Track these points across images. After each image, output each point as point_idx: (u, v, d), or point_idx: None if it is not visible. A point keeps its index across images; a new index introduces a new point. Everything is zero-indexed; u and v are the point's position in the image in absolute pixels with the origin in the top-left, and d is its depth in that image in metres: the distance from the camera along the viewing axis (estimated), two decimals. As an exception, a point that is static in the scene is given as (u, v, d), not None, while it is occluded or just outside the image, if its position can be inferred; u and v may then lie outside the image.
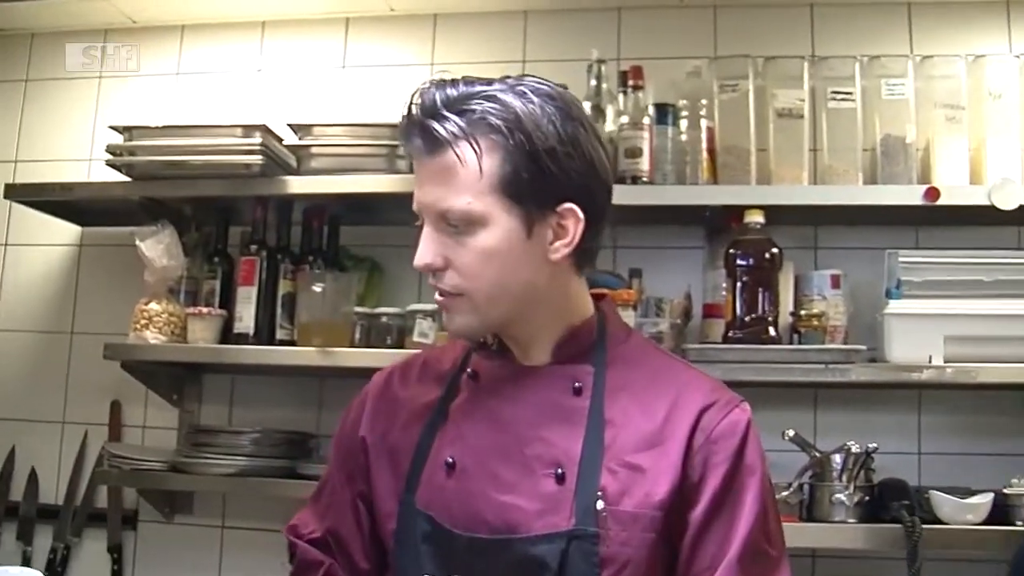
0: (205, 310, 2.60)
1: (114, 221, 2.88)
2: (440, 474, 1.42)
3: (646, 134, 2.45)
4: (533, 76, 1.40)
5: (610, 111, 2.53)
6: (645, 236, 2.67)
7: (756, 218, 2.37)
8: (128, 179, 2.67)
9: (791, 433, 2.33)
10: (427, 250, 1.38)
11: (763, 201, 2.39)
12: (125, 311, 2.64)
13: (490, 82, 1.37)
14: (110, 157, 2.66)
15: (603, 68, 2.55)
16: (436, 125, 1.33)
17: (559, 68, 2.71)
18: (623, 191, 2.40)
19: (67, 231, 3.00)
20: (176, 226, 2.64)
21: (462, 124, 1.33)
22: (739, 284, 2.36)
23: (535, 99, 1.35)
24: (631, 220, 2.61)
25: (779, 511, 2.08)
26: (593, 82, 2.54)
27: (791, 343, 2.39)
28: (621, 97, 2.54)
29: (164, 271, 2.60)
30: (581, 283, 1.48)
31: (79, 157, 3.03)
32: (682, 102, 2.55)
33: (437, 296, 1.41)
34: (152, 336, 2.58)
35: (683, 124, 2.53)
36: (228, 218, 2.75)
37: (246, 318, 2.59)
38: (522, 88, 1.36)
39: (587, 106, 2.49)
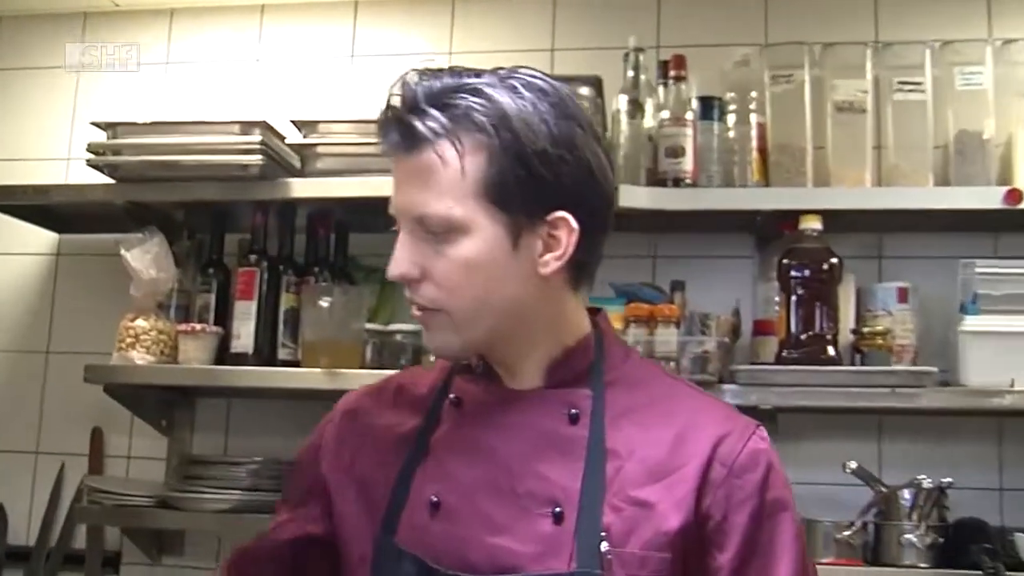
0: (198, 327, 2.65)
1: (96, 228, 2.95)
2: (423, 515, 1.43)
3: (689, 131, 2.51)
4: (528, 68, 1.41)
5: (649, 105, 2.58)
6: (688, 244, 2.72)
7: (813, 224, 2.41)
8: (112, 181, 2.72)
9: (853, 465, 2.36)
10: (402, 258, 1.39)
11: (821, 205, 2.43)
12: (108, 328, 2.69)
13: (479, 74, 1.38)
14: (91, 156, 2.71)
15: (641, 57, 2.60)
16: (416, 121, 1.35)
17: (592, 57, 2.79)
18: (663, 194, 2.47)
19: (42, 239, 3.07)
20: (166, 233, 2.70)
21: (444, 121, 1.34)
22: (794, 298, 2.40)
23: (527, 94, 1.36)
24: (672, 227, 2.66)
25: (840, 554, 2.14)
26: (630, 73, 2.59)
27: (852, 364, 2.43)
28: (661, 89, 2.59)
29: (152, 284, 2.65)
30: (577, 299, 1.48)
31: (56, 156, 3.10)
32: (729, 95, 2.60)
33: (414, 311, 1.42)
34: (139, 356, 2.63)
35: (730, 119, 2.58)
36: (224, 225, 2.81)
37: (244, 336, 2.64)
38: (513, 82, 1.37)
39: (623, 100, 2.55)
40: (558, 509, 1.37)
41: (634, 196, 2.43)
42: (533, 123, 1.34)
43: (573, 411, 1.42)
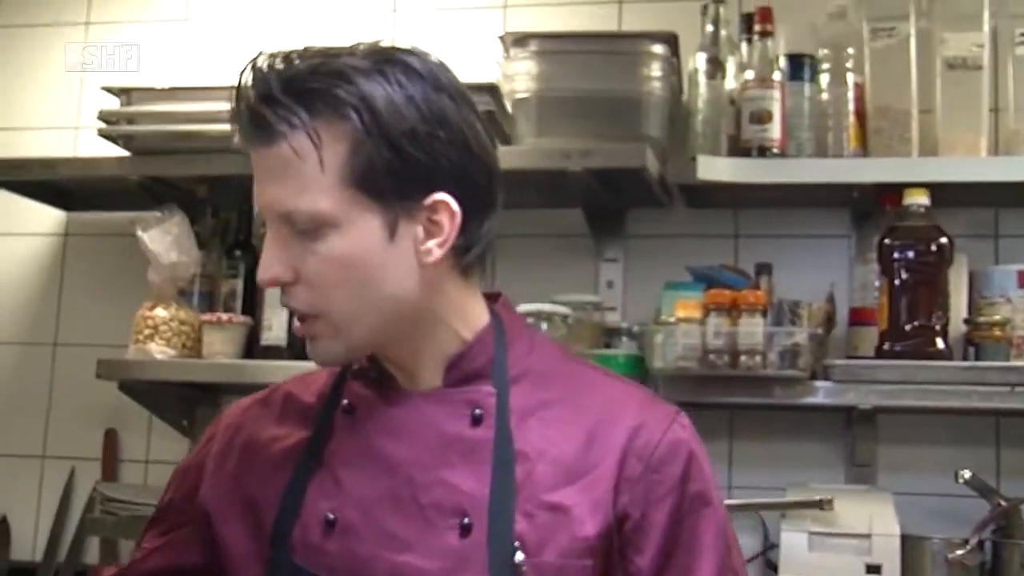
0: (224, 317, 2.72)
1: (108, 205, 3.03)
2: (317, 533, 1.46)
3: (777, 93, 2.53)
4: (388, 43, 1.44)
5: (731, 65, 2.61)
6: (776, 222, 2.75)
7: (919, 199, 2.42)
8: (126, 153, 2.79)
9: (967, 475, 2.37)
10: (272, 260, 1.41)
11: (928, 177, 2.44)
12: (123, 318, 2.77)
13: (337, 54, 1.40)
14: (103, 126, 2.78)
15: (722, 10, 2.63)
16: (268, 112, 1.37)
17: (665, 10, 2.81)
18: (747, 165, 2.49)
19: (49, 218, 3.15)
20: (187, 212, 2.76)
21: (298, 110, 1.36)
22: (897, 283, 2.40)
23: (388, 70, 1.39)
24: (757, 202, 2.70)
25: (949, 572, 2.15)
26: (709, 28, 2.62)
27: (965, 359, 2.45)
28: (745, 47, 2.62)
29: (172, 268, 2.71)
30: (470, 288, 1.51)
31: (63, 125, 3.18)
32: (822, 52, 2.61)
33: (295, 323, 1.47)
34: (158, 349, 2.70)
35: (824, 80, 2.60)
36: (251, 202, 2.82)
37: (276, 326, 2.69)
38: (372, 59, 1.40)
39: (701, 59, 2.59)
40: (466, 520, 1.41)
41: (713, 168, 2.46)
42: (398, 101, 1.37)
43: (476, 411, 1.46)
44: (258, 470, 1.54)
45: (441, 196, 1.41)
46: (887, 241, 2.42)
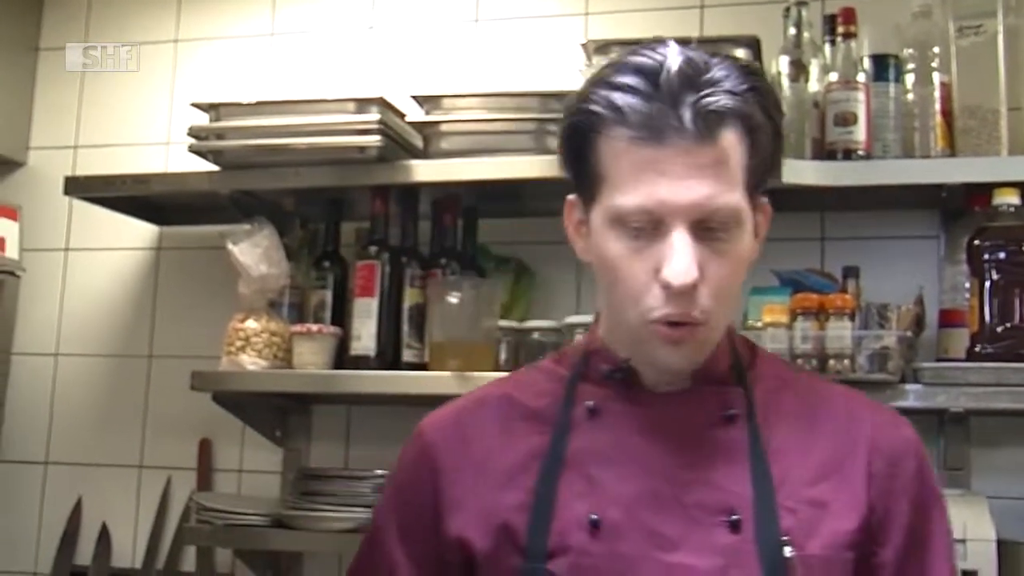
0: (314, 328, 2.73)
1: (199, 219, 3.07)
2: (580, 536, 1.44)
3: (861, 95, 2.50)
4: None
5: (814, 67, 2.58)
6: (862, 224, 2.72)
7: (1010, 199, 2.39)
8: (215, 168, 2.82)
9: None
10: (690, 262, 1.37)
11: (1018, 176, 2.40)
12: (216, 330, 2.80)
13: (689, 44, 1.42)
14: (193, 141, 2.81)
15: (804, 12, 2.60)
16: (715, 103, 1.37)
17: (746, 12, 2.80)
18: (832, 168, 2.47)
19: (142, 232, 3.20)
20: (276, 224, 2.79)
21: (737, 102, 1.38)
22: (988, 284, 2.37)
23: (761, 79, 1.45)
24: (844, 204, 2.67)
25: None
26: (792, 30, 2.59)
27: (1059, 360, 2.41)
28: (828, 48, 2.59)
29: (262, 280, 2.74)
30: None
31: (154, 141, 3.23)
32: (908, 51, 2.58)
33: (666, 329, 1.41)
34: (249, 361, 2.72)
35: (909, 80, 2.57)
36: (340, 213, 2.89)
37: (365, 336, 2.70)
38: (748, 63, 1.49)
39: (784, 62, 2.56)
40: (735, 517, 1.42)
41: (799, 171, 2.43)
42: (772, 107, 1.44)
43: (729, 411, 1.49)
44: (494, 479, 1.53)
45: (764, 198, 1.49)
46: (977, 242, 2.39)
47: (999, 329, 2.36)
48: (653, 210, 1.38)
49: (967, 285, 2.44)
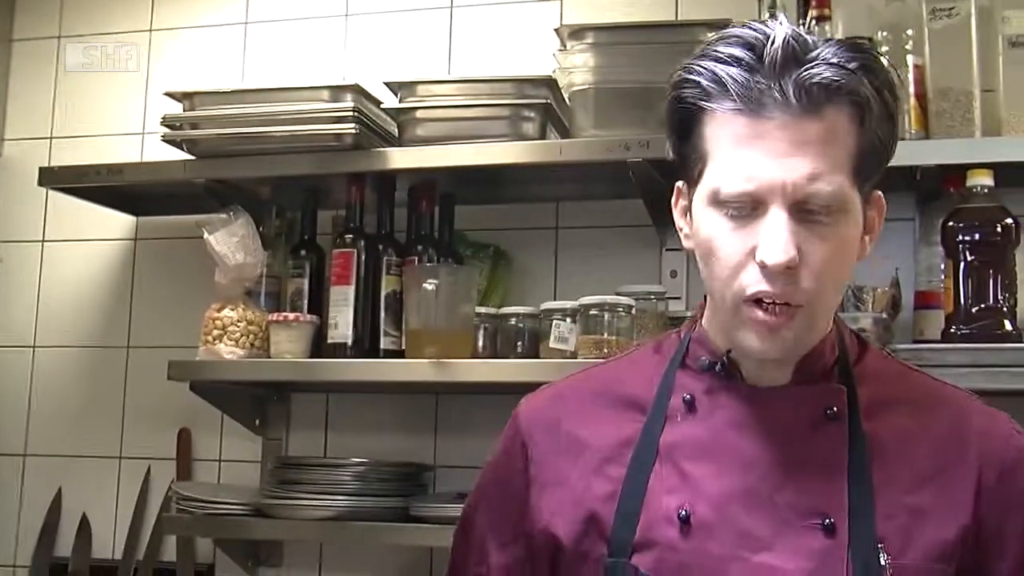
0: (291, 316, 2.72)
1: (175, 209, 3.07)
2: (669, 531, 1.42)
3: (837, 77, 2.50)
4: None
5: (789, 49, 2.58)
6: (838, 206, 2.71)
7: (983, 180, 2.38)
8: (190, 157, 2.82)
9: None
10: (789, 242, 1.33)
11: (991, 158, 2.40)
12: (194, 319, 2.79)
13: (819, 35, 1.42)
14: (167, 131, 2.80)
15: (779, -7, 2.61)
16: (822, 76, 1.33)
17: (722, -5, 2.78)
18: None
19: (118, 223, 3.19)
20: (252, 213, 2.79)
21: (847, 80, 1.34)
22: (962, 265, 2.37)
23: (877, 64, 1.39)
24: (818, 186, 2.66)
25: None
26: (766, 14, 2.60)
27: (1034, 340, 2.41)
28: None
29: (239, 269, 2.73)
30: None
31: (130, 131, 3.22)
32: (881, 34, 2.57)
33: (761, 313, 1.37)
34: (227, 350, 2.72)
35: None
36: (316, 201, 2.89)
37: (342, 324, 2.70)
38: (863, 43, 1.41)
39: (760, 44, 2.56)
40: (829, 520, 1.38)
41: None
42: (888, 97, 1.39)
43: (830, 409, 1.44)
44: (585, 464, 1.51)
45: (878, 192, 1.45)
46: (951, 223, 2.39)
47: (974, 310, 2.36)
48: (752, 188, 1.34)
49: (942, 267, 2.45)
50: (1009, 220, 2.37)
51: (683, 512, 1.41)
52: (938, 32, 2.53)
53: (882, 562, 1.37)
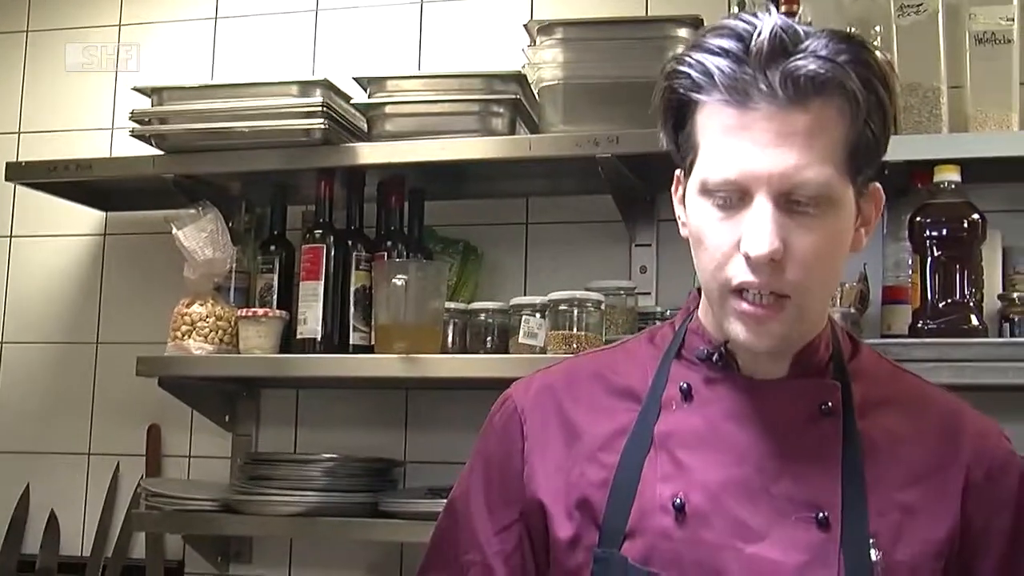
0: (260, 312, 2.72)
1: (144, 204, 3.05)
2: (663, 519, 1.42)
3: (805, 73, 2.51)
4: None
5: (758, 45, 2.58)
6: (807, 202, 2.72)
7: (950, 175, 2.39)
8: (159, 152, 2.81)
9: None
10: (770, 234, 1.33)
11: (959, 154, 2.40)
12: (163, 315, 2.78)
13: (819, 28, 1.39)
14: (136, 126, 2.79)
15: (747, -11, 2.62)
16: (809, 68, 1.33)
17: (691, -8, 2.78)
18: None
19: (87, 218, 3.18)
20: (221, 208, 2.78)
21: (836, 72, 1.33)
22: (929, 260, 2.38)
23: (872, 58, 1.38)
24: (789, 183, 2.67)
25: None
26: (735, 9, 2.59)
27: (1000, 335, 2.43)
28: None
29: (208, 265, 2.73)
30: None
31: (98, 126, 3.21)
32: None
33: (745, 304, 1.38)
34: (196, 346, 2.71)
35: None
36: (285, 197, 2.88)
37: (311, 320, 2.70)
38: (855, 36, 1.41)
39: (728, 40, 2.56)
40: (823, 514, 1.39)
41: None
42: (881, 90, 1.38)
43: (825, 404, 1.45)
44: (582, 452, 1.50)
45: (876, 184, 1.45)
46: (918, 219, 2.40)
47: (941, 305, 2.37)
48: (737, 178, 1.35)
49: (910, 262, 2.46)
50: (975, 216, 2.37)
51: (678, 500, 1.41)
52: (906, 28, 2.54)
53: (873, 557, 1.38)
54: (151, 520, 2.82)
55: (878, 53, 1.42)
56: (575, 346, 2.43)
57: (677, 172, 1.50)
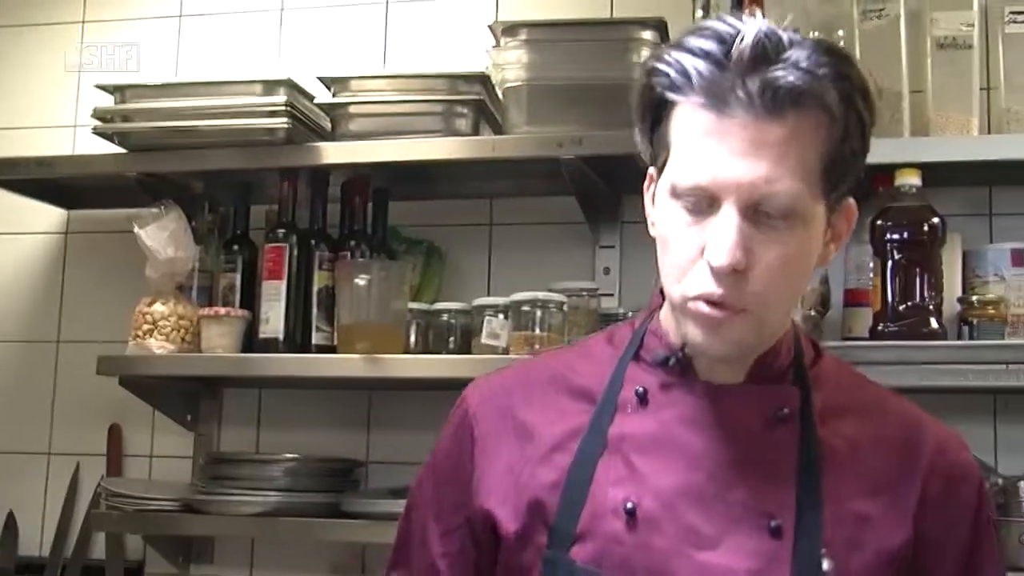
0: (223, 311, 2.71)
1: (106, 203, 3.04)
2: (614, 523, 1.40)
3: (769, 76, 2.52)
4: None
5: (722, 48, 2.59)
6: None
7: (911, 179, 2.40)
8: (122, 151, 2.80)
9: None
10: (734, 244, 1.32)
11: (920, 158, 2.42)
12: (125, 314, 2.77)
13: (800, 40, 1.35)
14: (98, 123, 2.79)
15: (712, -8, 2.62)
16: (788, 79, 1.30)
17: (657, -4, 2.79)
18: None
19: (49, 216, 3.16)
20: (183, 207, 2.77)
21: (815, 85, 1.31)
22: (890, 264, 2.40)
23: (854, 72, 1.36)
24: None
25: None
26: (699, 13, 2.59)
27: (960, 338, 2.44)
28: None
29: (170, 264, 2.71)
30: None
31: (60, 123, 3.19)
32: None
33: (707, 308, 1.36)
34: (157, 345, 2.70)
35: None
36: (248, 196, 2.88)
37: (274, 319, 2.69)
38: (837, 47, 1.38)
39: (693, 43, 2.57)
40: (776, 522, 1.38)
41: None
42: (862, 104, 1.36)
43: (782, 411, 1.44)
44: (535, 454, 1.49)
45: (850, 200, 1.43)
46: (879, 222, 2.41)
47: (901, 308, 2.39)
48: (707, 184, 1.33)
49: (871, 265, 2.47)
50: (936, 219, 2.39)
51: (630, 505, 1.40)
52: (869, 33, 2.56)
53: (826, 567, 1.37)
54: (111, 520, 2.81)
55: (863, 71, 1.39)
56: (537, 347, 2.43)
57: (651, 170, 1.48)
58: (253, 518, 2.64)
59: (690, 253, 1.36)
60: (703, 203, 1.35)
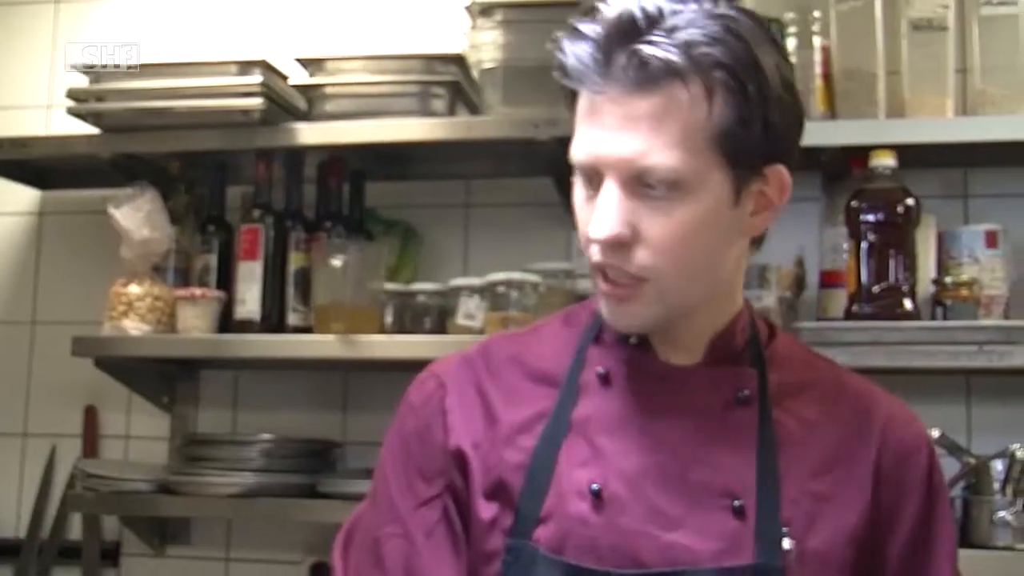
0: (198, 292, 2.71)
1: (81, 183, 3.04)
2: (579, 504, 1.40)
3: (744, 57, 2.52)
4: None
5: (697, 29, 2.59)
6: (744, 186, 2.74)
7: (886, 161, 2.41)
8: (96, 131, 2.79)
9: (937, 433, 2.34)
10: (614, 217, 1.33)
11: (895, 139, 2.43)
12: (100, 295, 2.76)
13: (695, 6, 1.34)
14: (73, 104, 2.77)
15: (688, -26, 2.62)
16: (655, 51, 1.30)
17: (630, -24, 2.78)
18: (717, 130, 2.48)
19: (23, 197, 3.15)
20: (159, 188, 2.76)
21: (690, 55, 1.30)
22: (865, 245, 2.41)
23: (754, 35, 1.34)
24: (726, 166, 2.68)
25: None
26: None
27: (933, 319, 2.45)
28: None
29: (145, 244, 2.71)
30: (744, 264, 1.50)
31: (34, 103, 3.18)
32: (788, 15, 2.59)
33: (604, 284, 1.38)
34: (133, 326, 2.70)
35: (791, 43, 2.57)
36: (224, 177, 2.87)
37: (249, 300, 2.70)
38: (730, 13, 1.34)
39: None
40: (738, 502, 1.39)
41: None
42: (768, 63, 1.34)
43: (742, 392, 1.45)
44: (501, 434, 1.47)
45: (778, 167, 1.40)
46: (854, 203, 2.42)
47: (875, 289, 2.40)
48: (588, 161, 1.35)
49: (846, 246, 2.48)
50: (910, 200, 2.40)
51: (595, 486, 1.40)
52: (844, 13, 2.57)
53: (786, 546, 1.37)
54: (87, 501, 2.80)
55: (762, 33, 1.37)
56: (512, 328, 2.43)
57: None
58: (230, 499, 2.64)
59: (586, 228, 1.38)
60: (594, 180, 1.36)
